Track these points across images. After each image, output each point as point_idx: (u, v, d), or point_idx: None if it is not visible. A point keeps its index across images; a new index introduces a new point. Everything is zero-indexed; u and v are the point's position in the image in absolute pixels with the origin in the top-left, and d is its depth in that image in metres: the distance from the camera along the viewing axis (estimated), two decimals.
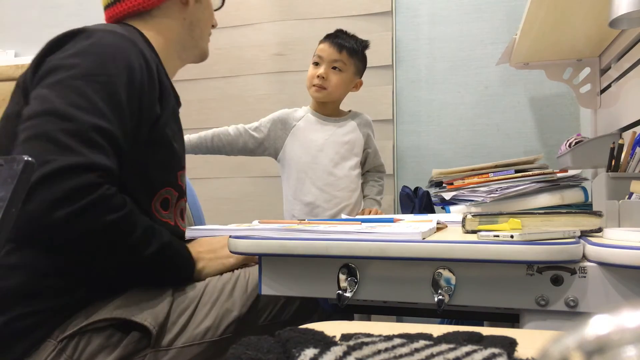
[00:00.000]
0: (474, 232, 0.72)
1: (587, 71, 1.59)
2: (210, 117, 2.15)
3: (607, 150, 1.02)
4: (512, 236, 0.61)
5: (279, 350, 0.36)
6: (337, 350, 0.35)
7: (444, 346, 0.36)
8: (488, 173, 1.23)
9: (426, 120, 1.97)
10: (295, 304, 0.91)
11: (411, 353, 0.35)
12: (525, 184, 1.19)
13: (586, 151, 1.24)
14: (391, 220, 0.94)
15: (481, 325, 1.04)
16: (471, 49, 1.93)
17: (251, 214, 1.98)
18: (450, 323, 1.20)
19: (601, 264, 0.60)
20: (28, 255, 0.77)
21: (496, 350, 0.35)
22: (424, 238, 0.67)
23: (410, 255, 0.64)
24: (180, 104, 1.03)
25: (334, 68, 1.53)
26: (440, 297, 0.64)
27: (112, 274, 0.81)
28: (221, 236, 0.89)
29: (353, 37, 1.57)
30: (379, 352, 0.35)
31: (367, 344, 0.36)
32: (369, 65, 1.90)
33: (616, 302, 0.60)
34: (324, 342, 0.37)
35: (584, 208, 1.13)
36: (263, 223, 0.85)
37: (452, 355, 0.35)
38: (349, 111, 1.64)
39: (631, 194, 0.84)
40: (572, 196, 1.20)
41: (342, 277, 0.69)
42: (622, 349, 0.18)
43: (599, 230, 0.71)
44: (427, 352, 0.35)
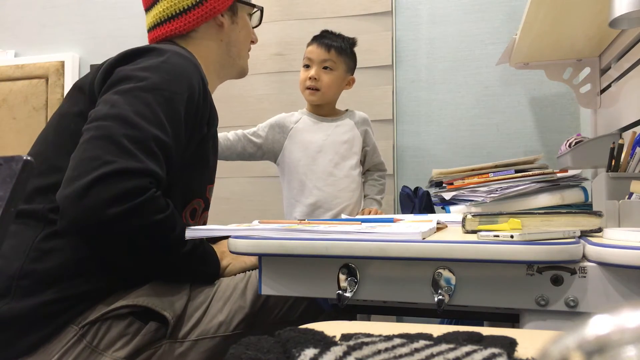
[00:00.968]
0: (474, 232, 0.72)
1: (587, 71, 1.59)
2: None
3: (607, 150, 1.02)
4: (512, 236, 0.61)
5: (279, 350, 0.36)
6: (337, 350, 0.35)
7: (444, 346, 0.36)
8: (488, 173, 1.23)
9: (426, 120, 1.97)
10: (304, 304, 0.94)
11: (411, 353, 0.35)
12: (525, 184, 1.19)
13: (586, 151, 1.24)
14: (391, 220, 0.94)
15: (481, 325, 1.04)
16: (471, 49, 1.93)
17: (251, 214, 1.99)
18: (450, 323, 1.20)
19: (601, 264, 0.60)
20: (65, 241, 0.81)
21: (496, 350, 0.35)
22: (424, 238, 0.67)
23: (410, 255, 0.64)
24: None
25: (325, 68, 1.54)
26: (440, 297, 0.64)
27: (145, 268, 0.85)
28: None
29: (340, 36, 1.59)
30: (379, 352, 0.35)
31: (367, 344, 0.36)
32: (369, 65, 1.89)
33: (616, 302, 0.60)
34: (324, 342, 0.37)
35: (584, 208, 1.13)
36: (263, 223, 0.85)
37: (452, 355, 0.35)
38: (346, 110, 1.64)
39: (631, 194, 0.84)
40: (572, 196, 1.20)
41: (342, 277, 0.69)
42: (622, 349, 0.18)
43: (599, 230, 0.71)
44: (427, 352, 0.35)
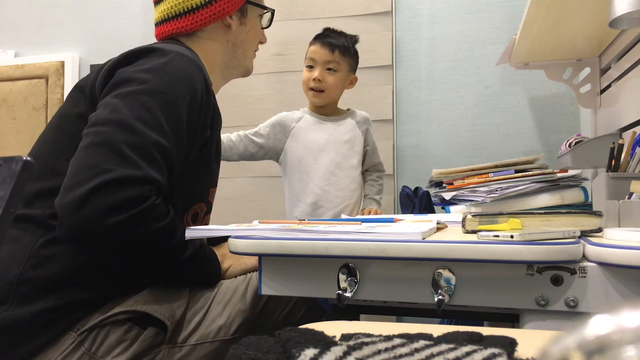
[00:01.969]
0: (474, 232, 0.72)
1: (587, 71, 1.59)
2: None
3: (607, 150, 1.02)
4: (512, 236, 0.61)
5: (279, 350, 0.36)
6: (337, 350, 0.35)
7: (444, 346, 0.36)
8: (488, 173, 1.23)
9: (426, 120, 1.97)
10: (305, 305, 0.93)
11: (411, 353, 0.35)
12: (525, 184, 1.19)
13: (586, 151, 1.24)
14: (391, 220, 0.94)
15: (481, 325, 1.04)
16: (471, 49, 1.93)
17: (251, 214, 1.99)
18: (450, 323, 1.20)
19: (601, 264, 0.60)
20: (64, 248, 0.80)
21: (496, 350, 0.35)
22: (424, 238, 0.67)
23: (410, 255, 0.64)
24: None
25: (329, 69, 1.52)
26: (440, 297, 0.64)
27: (144, 274, 0.84)
28: None
29: (342, 35, 1.55)
30: (379, 352, 0.35)
31: (367, 344, 0.36)
32: (369, 65, 1.89)
33: (616, 302, 0.60)
34: (324, 342, 0.37)
35: (584, 208, 1.13)
36: (263, 223, 0.85)
37: (452, 355, 0.34)
38: (347, 110, 1.63)
39: (631, 194, 0.84)
40: (572, 196, 1.20)
41: (342, 277, 0.69)
42: (622, 349, 0.18)
43: (599, 230, 0.71)
44: (427, 352, 0.35)
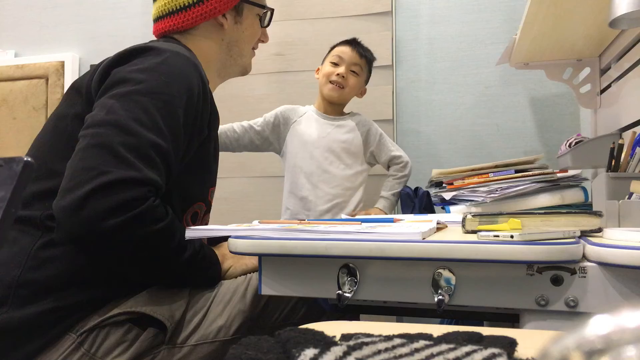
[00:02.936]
0: (474, 232, 0.72)
1: (587, 71, 1.59)
2: None
3: (607, 150, 1.02)
4: (512, 236, 0.61)
5: (279, 350, 0.36)
6: (337, 350, 0.35)
7: (444, 346, 0.36)
8: (488, 173, 1.23)
9: (426, 120, 1.97)
10: (305, 305, 0.93)
11: (411, 353, 0.35)
12: (525, 184, 1.19)
13: (586, 151, 1.24)
14: (391, 220, 0.94)
15: (481, 325, 1.04)
16: (471, 49, 1.93)
17: (251, 214, 1.98)
18: (450, 323, 1.20)
19: (601, 264, 0.60)
20: (62, 249, 0.80)
21: (496, 350, 0.35)
22: (424, 238, 0.67)
23: (410, 255, 0.64)
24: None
25: (352, 71, 1.59)
26: (440, 297, 0.64)
27: (144, 275, 0.83)
28: None
29: (368, 49, 1.65)
30: (379, 352, 0.35)
31: (367, 344, 0.36)
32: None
33: (616, 302, 0.60)
34: (324, 342, 0.37)
35: (584, 208, 1.13)
36: (263, 223, 0.85)
37: (452, 355, 0.34)
38: (350, 112, 1.68)
39: (631, 194, 0.84)
40: (572, 196, 1.20)
41: (342, 277, 0.69)
42: (622, 349, 0.18)
43: (599, 230, 0.71)
44: (427, 352, 0.35)
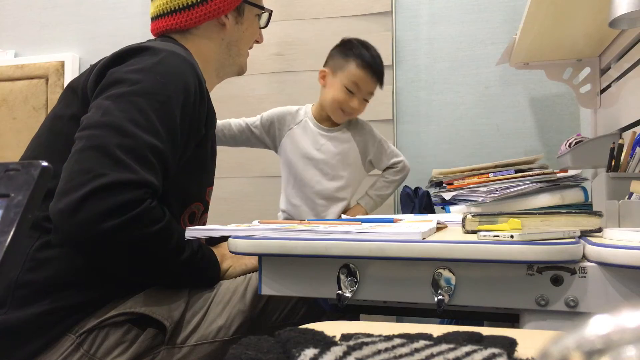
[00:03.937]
0: (474, 232, 0.72)
1: (587, 71, 1.59)
2: None
3: (607, 150, 1.02)
4: (512, 236, 0.61)
5: (279, 350, 0.36)
6: (337, 350, 0.35)
7: (444, 346, 0.36)
8: (488, 173, 1.23)
9: (426, 120, 1.97)
10: (305, 305, 0.93)
11: (411, 353, 0.35)
12: (525, 184, 1.19)
13: (586, 151, 1.24)
14: (391, 220, 0.94)
15: (481, 325, 1.04)
16: (471, 49, 1.93)
17: (251, 214, 1.98)
18: (450, 323, 1.20)
19: (601, 264, 0.60)
20: (60, 250, 0.80)
21: (496, 350, 0.35)
22: (424, 238, 0.67)
23: (410, 255, 0.64)
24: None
25: (365, 99, 1.50)
26: (440, 297, 0.64)
27: (142, 276, 0.83)
28: None
29: (382, 62, 1.52)
30: (379, 352, 0.35)
31: (367, 344, 0.36)
32: None
33: (616, 302, 0.60)
34: (324, 342, 0.37)
35: (584, 208, 1.13)
36: (263, 223, 0.85)
37: (452, 355, 0.34)
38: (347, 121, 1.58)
39: (631, 194, 0.84)
40: (572, 196, 1.20)
41: (342, 277, 0.69)
42: (622, 349, 0.18)
43: (599, 230, 0.71)
44: (427, 352, 0.35)
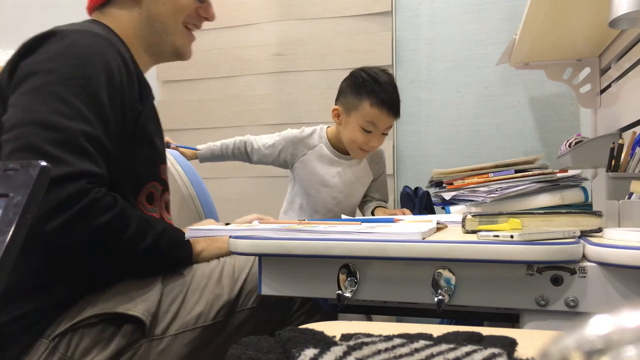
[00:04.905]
0: (474, 232, 0.72)
1: (587, 71, 1.59)
2: (210, 117, 2.14)
3: (607, 150, 1.02)
4: (512, 236, 0.61)
5: (279, 350, 0.36)
6: (337, 350, 0.35)
7: (444, 346, 0.36)
8: (488, 173, 1.23)
9: (426, 120, 1.97)
10: (305, 305, 0.92)
11: (411, 353, 0.35)
12: (525, 184, 1.19)
13: (586, 151, 1.24)
14: (391, 220, 0.94)
15: (481, 325, 1.04)
16: (471, 49, 1.93)
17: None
18: (450, 323, 1.20)
19: (601, 264, 0.60)
20: (19, 256, 0.77)
21: (496, 350, 0.35)
22: (424, 238, 0.67)
23: (410, 255, 0.64)
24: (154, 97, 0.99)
25: (383, 133, 1.44)
26: (440, 297, 0.64)
27: (107, 270, 0.81)
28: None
29: (395, 90, 1.43)
30: (379, 352, 0.35)
31: (367, 344, 0.36)
32: (369, 65, 1.89)
33: (616, 302, 0.60)
34: (324, 342, 0.37)
35: (584, 208, 1.13)
36: (263, 223, 0.85)
37: (452, 355, 0.34)
38: None
39: (631, 194, 0.84)
40: (572, 196, 1.20)
41: (342, 277, 0.69)
42: (622, 349, 0.18)
43: (599, 230, 0.71)
44: (427, 352, 0.35)
